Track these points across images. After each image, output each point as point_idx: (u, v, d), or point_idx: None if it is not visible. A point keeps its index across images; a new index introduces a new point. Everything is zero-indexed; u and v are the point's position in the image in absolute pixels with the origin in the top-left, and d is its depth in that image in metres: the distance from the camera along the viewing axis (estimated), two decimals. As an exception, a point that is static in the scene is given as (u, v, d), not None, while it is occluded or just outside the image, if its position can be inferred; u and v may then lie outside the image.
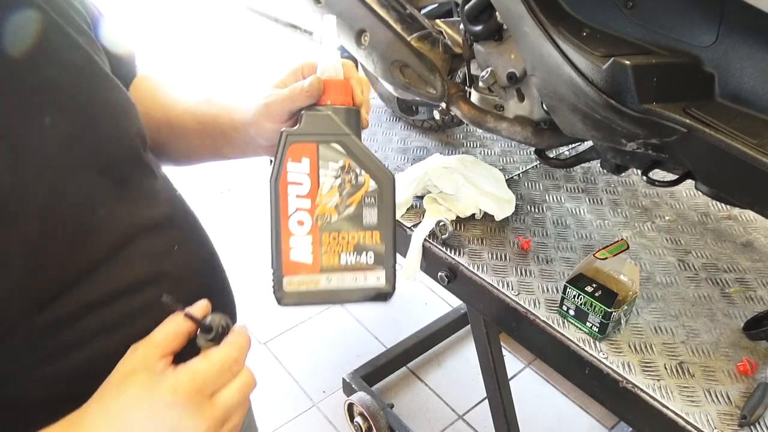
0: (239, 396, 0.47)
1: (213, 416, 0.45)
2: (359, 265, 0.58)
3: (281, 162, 0.56)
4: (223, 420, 0.46)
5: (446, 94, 1.20)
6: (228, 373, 0.47)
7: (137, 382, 0.45)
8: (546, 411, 1.92)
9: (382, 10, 1.21)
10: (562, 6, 0.90)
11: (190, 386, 0.44)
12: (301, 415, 1.90)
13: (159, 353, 0.46)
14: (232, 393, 0.47)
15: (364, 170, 0.58)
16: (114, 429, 0.44)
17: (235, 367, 0.47)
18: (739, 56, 0.79)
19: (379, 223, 0.58)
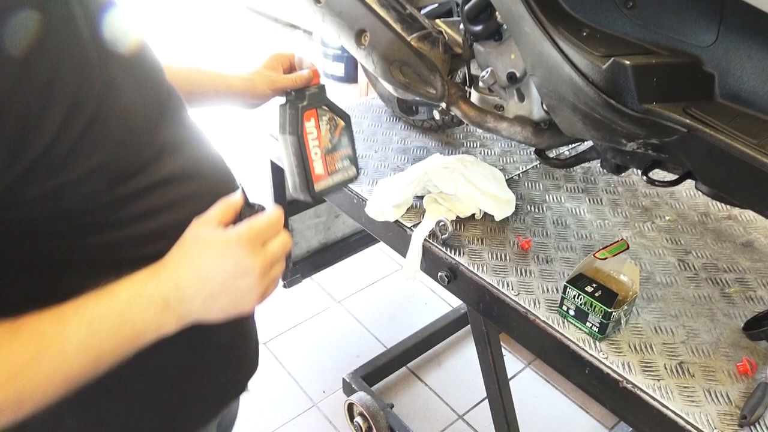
0: (281, 248, 0.63)
1: (264, 259, 0.61)
2: (343, 167, 1.04)
3: (300, 122, 0.94)
4: (270, 264, 0.62)
5: (446, 94, 1.20)
6: (273, 228, 0.63)
7: (208, 234, 0.60)
8: (546, 411, 1.92)
9: (382, 10, 1.21)
10: (562, 6, 0.90)
11: (248, 234, 0.60)
12: (301, 415, 1.90)
13: (216, 223, 0.62)
14: (276, 245, 0.63)
15: (338, 117, 0.99)
16: (194, 268, 0.59)
17: (276, 227, 0.63)
18: (739, 56, 0.79)
19: (348, 142, 1.03)
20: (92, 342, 0.53)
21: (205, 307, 0.60)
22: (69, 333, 0.52)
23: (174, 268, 0.59)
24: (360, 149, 1.50)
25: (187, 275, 0.59)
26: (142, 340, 0.57)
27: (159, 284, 0.57)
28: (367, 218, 1.27)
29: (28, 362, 0.50)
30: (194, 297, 0.58)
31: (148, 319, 0.56)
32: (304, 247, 1.91)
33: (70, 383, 0.53)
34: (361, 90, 3.64)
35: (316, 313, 2.30)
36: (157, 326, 0.57)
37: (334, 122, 1.00)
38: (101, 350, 0.54)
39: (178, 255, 0.60)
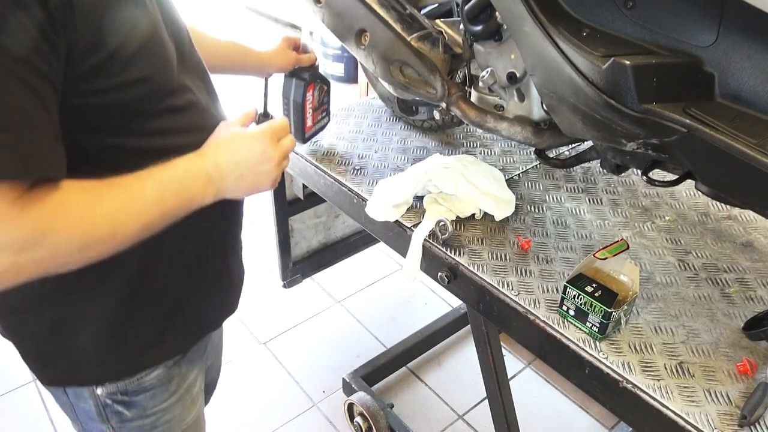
0: (290, 145, 0.83)
1: (281, 151, 0.81)
2: (322, 117, 1.47)
3: (305, 92, 1.36)
4: (284, 156, 0.82)
5: (446, 94, 1.20)
6: (284, 129, 0.83)
7: (240, 131, 0.80)
8: (546, 411, 1.92)
9: (382, 10, 1.21)
10: (562, 6, 0.90)
11: (271, 130, 0.80)
12: (301, 415, 1.90)
13: (240, 125, 0.83)
14: (288, 142, 0.83)
15: (324, 84, 1.41)
16: (230, 152, 0.77)
17: (286, 129, 0.83)
18: (739, 56, 0.79)
19: (327, 100, 1.46)
20: (162, 198, 0.70)
21: (236, 184, 0.77)
22: (146, 190, 0.68)
23: (214, 152, 0.76)
24: (360, 149, 1.50)
25: (224, 158, 0.76)
26: (191, 206, 0.73)
27: (204, 163, 0.74)
28: (367, 218, 1.27)
29: (121, 206, 0.66)
30: (229, 175, 0.76)
31: (197, 188, 0.73)
32: (304, 247, 1.91)
33: (145, 228, 0.69)
34: (361, 90, 3.64)
35: (316, 313, 2.30)
36: (202, 196, 0.74)
37: (321, 88, 1.42)
38: (167, 206, 0.71)
39: (215, 143, 0.78)
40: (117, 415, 0.89)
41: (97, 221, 0.64)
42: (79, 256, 0.65)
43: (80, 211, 0.63)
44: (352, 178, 1.37)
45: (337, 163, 1.43)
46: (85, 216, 0.63)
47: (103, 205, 0.65)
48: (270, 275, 2.38)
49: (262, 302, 2.31)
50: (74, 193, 0.63)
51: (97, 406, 0.88)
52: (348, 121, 1.64)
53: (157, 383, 0.89)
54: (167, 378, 0.90)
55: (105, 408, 0.88)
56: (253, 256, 2.40)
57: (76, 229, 0.63)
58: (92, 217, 0.64)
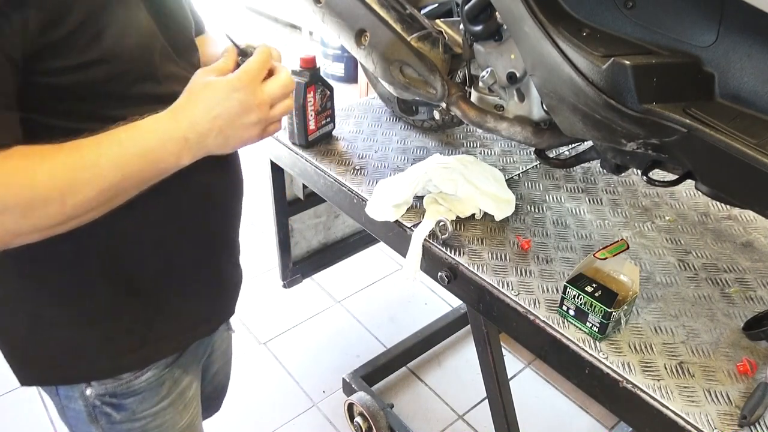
0: (280, 87, 0.73)
1: (263, 97, 0.72)
2: (326, 123, 1.51)
3: (305, 93, 1.39)
4: (270, 102, 0.73)
5: (446, 94, 1.20)
6: (261, 70, 0.72)
7: (214, 81, 0.71)
8: (546, 411, 1.92)
9: (382, 10, 1.21)
10: (562, 6, 0.90)
11: (246, 75, 0.71)
12: (301, 415, 1.90)
13: (217, 73, 0.72)
14: (273, 84, 0.73)
15: (326, 88, 1.44)
16: (205, 108, 0.69)
17: (262, 70, 0.72)
18: (739, 56, 0.79)
19: (331, 105, 1.49)
20: (122, 159, 0.64)
21: (217, 141, 0.71)
22: (103, 150, 0.64)
23: (189, 109, 0.69)
24: (360, 149, 1.50)
25: (200, 115, 0.69)
26: (162, 169, 0.69)
27: (177, 123, 0.68)
28: (367, 218, 1.27)
29: (69, 167, 0.62)
30: (208, 133, 0.69)
31: (168, 149, 0.68)
32: (304, 247, 1.91)
33: (103, 195, 0.65)
34: (361, 90, 3.64)
35: (316, 313, 2.30)
36: (177, 157, 0.69)
37: (324, 92, 1.43)
38: (130, 168, 0.65)
39: (189, 99, 0.71)
40: (106, 416, 0.88)
41: (35, 183, 0.60)
42: (26, 221, 0.61)
43: (17, 173, 0.60)
44: (352, 178, 1.37)
45: (337, 163, 1.43)
46: (22, 178, 0.60)
47: (45, 167, 0.61)
48: (270, 275, 2.39)
49: (262, 302, 2.31)
50: (15, 157, 0.60)
51: (86, 407, 0.86)
52: (348, 121, 1.64)
53: (147, 387, 0.88)
54: (158, 382, 0.89)
55: (94, 409, 0.87)
56: (253, 256, 2.40)
57: (10, 190, 0.59)
58: (31, 179, 0.60)
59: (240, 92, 0.70)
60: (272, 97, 0.73)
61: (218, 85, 0.71)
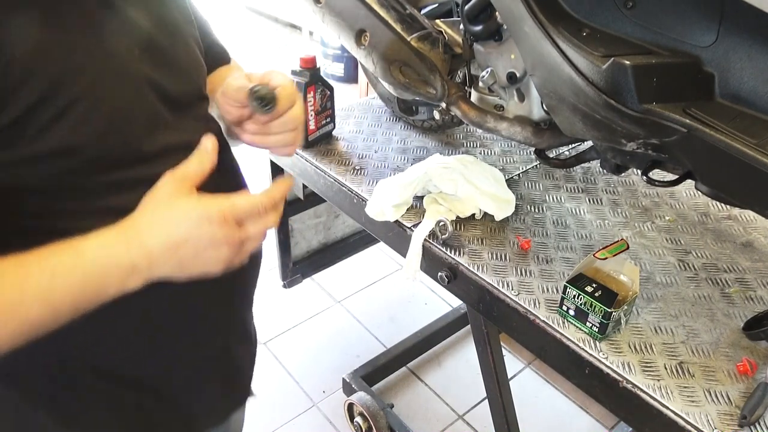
0: (258, 233, 0.62)
1: (240, 237, 0.60)
2: (326, 123, 1.51)
3: (305, 93, 1.38)
4: (242, 243, 0.61)
5: (446, 94, 1.20)
6: (257, 215, 0.61)
7: (186, 203, 0.59)
8: (546, 411, 1.92)
9: (382, 10, 1.21)
10: (562, 6, 0.90)
11: (230, 213, 0.59)
12: (301, 415, 1.90)
13: (190, 185, 0.60)
14: (255, 227, 0.62)
15: (326, 88, 1.44)
16: (167, 236, 0.57)
17: (264, 215, 0.62)
18: (739, 56, 0.79)
19: (331, 105, 1.48)
20: (52, 293, 0.54)
21: (172, 270, 0.60)
22: (30, 280, 0.53)
23: (146, 234, 0.58)
24: (360, 149, 1.50)
25: (159, 243, 0.57)
26: (104, 297, 0.57)
27: (129, 249, 0.57)
28: (367, 218, 1.27)
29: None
30: (164, 264, 0.58)
31: (112, 280, 0.57)
32: (304, 247, 1.91)
33: (27, 328, 0.54)
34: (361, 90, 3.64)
35: (316, 313, 2.30)
36: (121, 286, 0.58)
37: (324, 92, 1.43)
38: (61, 302, 0.55)
39: (151, 219, 0.59)
40: None
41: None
42: None
43: None
44: (352, 178, 1.37)
45: (337, 163, 1.43)
46: None
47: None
48: (270, 275, 2.38)
49: (262, 302, 2.31)
50: None
51: None
52: (348, 121, 1.64)
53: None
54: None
55: None
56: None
57: None
58: None
59: (214, 225, 0.58)
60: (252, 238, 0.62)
61: (187, 209, 0.58)
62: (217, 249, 0.59)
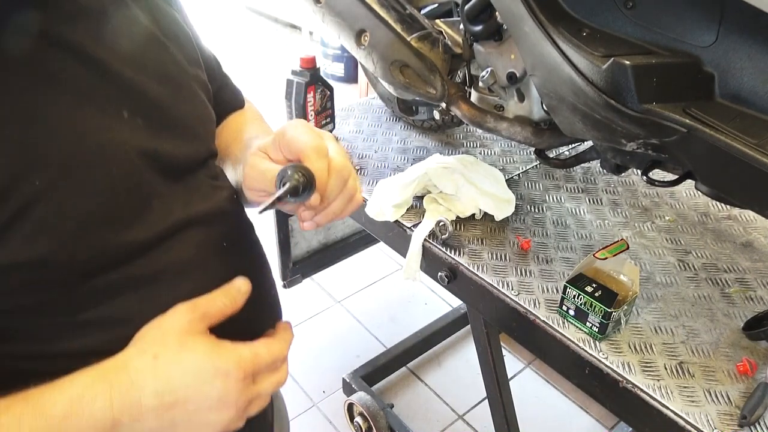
0: (272, 388, 0.54)
1: (250, 397, 0.50)
2: (326, 123, 1.50)
3: (305, 93, 1.39)
4: (252, 400, 0.51)
5: (446, 94, 1.20)
6: (274, 366, 0.53)
7: (203, 346, 0.48)
8: (546, 411, 1.92)
9: (382, 10, 1.21)
10: (562, 6, 0.90)
11: (250, 365, 0.49)
12: (301, 415, 1.90)
13: (206, 324, 0.50)
14: (268, 384, 0.53)
15: (326, 88, 1.43)
16: (165, 389, 0.46)
17: (281, 364, 0.55)
18: (739, 56, 0.79)
19: (331, 105, 1.48)
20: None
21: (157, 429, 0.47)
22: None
23: (138, 383, 0.46)
24: (360, 149, 1.50)
25: (152, 396, 0.46)
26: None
27: (112, 399, 0.45)
28: (367, 218, 1.27)
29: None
30: (151, 422, 0.46)
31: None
32: (304, 247, 1.91)
33: None
34: (361, 90, 3.64)
35: (316, 313, 2.30)
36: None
37: (324, 92, 1.44)
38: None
39: (149, 362, 0.47)
40: None
41: None
42: None
43: None
44: (352, 178, 1.37)
45: (337, 163, 1.43)
46: None
47: None
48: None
49: (262, 302, 2.31)
50: None
51: None
52: (348, 121, 1.64)
53: None
54: None
55: None
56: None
57: None
58: None
59: (229, 383, 0.48)
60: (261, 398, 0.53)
61: (201, 357, 0.47)
62: (220, 412, 0.48)
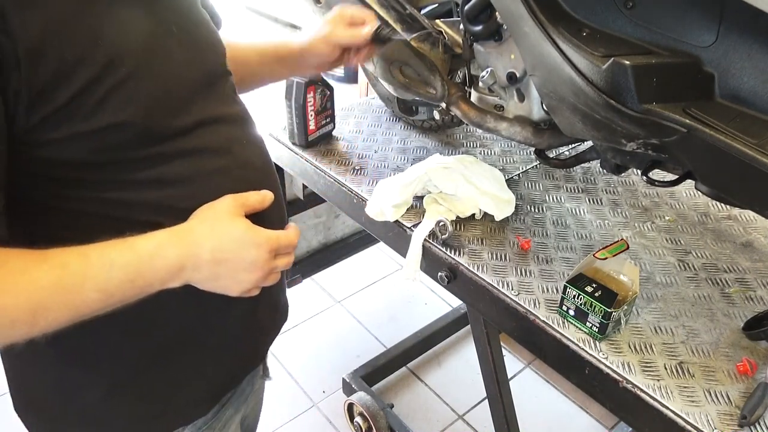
0: (283, 266, 0.71)
1: (271, 267, 0.68)
2: (326, 123, 1.50)
3: (305, 93, 1.38)
4: (270, 273, 0.69)
5: (446, 94, 1.20)
6: (291, 245, 0.71)
7: (240, 224, 0.66)
8: (546, 411, 1.92)
9: (382, 10, 1.21)
10: (562, 6, 0.90)
11: (276, 243, 0.67)
12: (301, 415, 1.90)
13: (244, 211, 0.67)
14: (284, 261, 0.70)
15: (326, 88, 1.43)
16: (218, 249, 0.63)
17: (292, 246, 0.71)
18: (739, 56, 0.79)
19: (331, 105, 1.48)
20: (108, 285, 0.58)
21: (204, 280, 0.65)
22: (89, 271, 0.57)
23: (200, 241, 0.63)
24: (360, 149, 1.50)
25: (209, 252, 0.63)
26: (149, 291, 0.62)
27: (180, 251, 0.62)
28: (367, 218, 1.27)
29: (49, 286, 0.55)
30: (205, 272, 0.64)
31: (160, 276, 0.62)
32: (304, 247, 1.91)
33: (80, 314, 0.58)
34: (361, 90, 3.63)
35: (316, 313, 2.29)
36: (165, 283, 0.63)
37: (324, 92, 1.43)
38: (113, 293, 0.59)
39: (208, 228, 0.64)
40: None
41: (5, 304, 0.53)
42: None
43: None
44: (352, 178, 1.37)
45: (337, 163, 1.43)
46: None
47: (20, 284, 0.54)
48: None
49: (262, 302, 2.31)
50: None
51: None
52: (348, 121, 1.64)
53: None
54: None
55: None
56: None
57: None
58: (3, 300, 0.53)
59: (260, 250, 0.66)
60: (277, 269, 0.70)
61: (243, 229, 0.65)
62: (251, 273, 0.66)
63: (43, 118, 0.54)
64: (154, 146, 0.64)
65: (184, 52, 0.67)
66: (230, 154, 0.72)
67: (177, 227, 0.64)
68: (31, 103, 0.53)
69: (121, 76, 0.58)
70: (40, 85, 0.53)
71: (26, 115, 0.53)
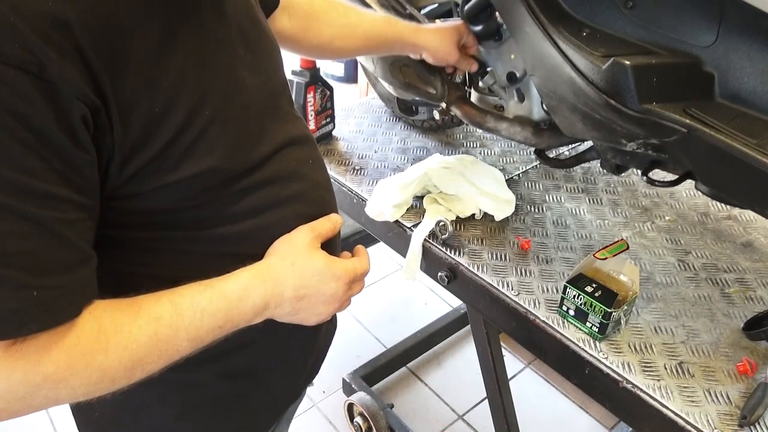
0: (357, 293, 0.73)
1: (348, 296, 0.71)
2: (326, 123, 1.50)
3: (305, 93, 1.39)
4: (346, 300, 0.71)
5: (446, 94, 1.20)
6: (364, 273, 0.73)
7: (322, 255, 0.68)
8: (546, 411, 1.92)
9: (382, 10, 1.21)
10: (562, 6, 0.90)
11: (354, 274, 0.70)
12: (301, 415, 1.90)
13: (320, 241, 0.69)
14: (358, 288, 0.73)
15: (326, 88, 1.44)
16: (299, 286, 0.65)
17: (365, 273, 0.73)
18: (739, 56, 0.79)
19: (331, 105, 1.48)
20: (199, 332, 0.59)
21: (287, 315, 0.67)
22: (182, 323, 0.57)
23: (282, 279, 0.65)
24: (360, 149, 1.50)
25: (291, 290, 0.65)
26: (234, 329, 0.63)
27: (265, 291, 0.63)
28: (367, 218, 1.27)
29: (146, 341, 0.55)
30: (287, 308, 0.66)
31: (247, 318, 0.63)
32: (304, 247, 1.91)
33: (171, 361, 0.59)
34: (361, 90, 3.64)
35: (316, 313, 2.29)
36: (249, 322, 0.64)
37: (324, 92, 1.43)
38: (204, 339, 0.60)
39: (289, 265, 0.65)
40: None
41: (106, 365, 0.53)
42: (86, 394, 0.55)
43: (89, 357, 0.52)
44: (352, 178, 1.37)
45: (337, 163, 1.43)
46: (94, 361, 0.53)
47: (118, 344, 0.54)
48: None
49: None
50: (86, 333, 0.52)
51: None
52: (348, 121, 1.64)
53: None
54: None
55: None
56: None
57: (79, 376, 0.52)
58: (101, 362, 0.53)
59: (339, 283, 0.68)
60: (351, 296, 0.72)
61: (323, 264, 0.67)
62: (329, 305, 0.68)
63: (133, 174, 0.54)
64: (235, 184, 0.63)
65: (254, 77, 0.65)
66: (301, 177, 0.72)
67: (258, 266, 0.65)
68: (123, 160, 0.53)
69: (205, 120, 0.57)
70: (132, 142, 0.52)
71: (118, 173, 0.53)
